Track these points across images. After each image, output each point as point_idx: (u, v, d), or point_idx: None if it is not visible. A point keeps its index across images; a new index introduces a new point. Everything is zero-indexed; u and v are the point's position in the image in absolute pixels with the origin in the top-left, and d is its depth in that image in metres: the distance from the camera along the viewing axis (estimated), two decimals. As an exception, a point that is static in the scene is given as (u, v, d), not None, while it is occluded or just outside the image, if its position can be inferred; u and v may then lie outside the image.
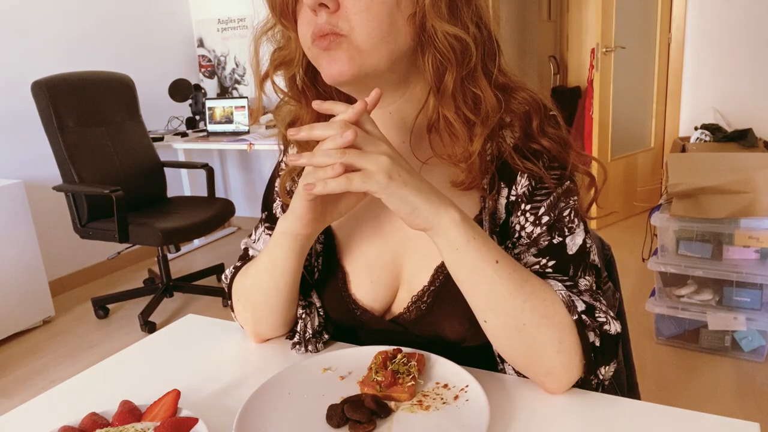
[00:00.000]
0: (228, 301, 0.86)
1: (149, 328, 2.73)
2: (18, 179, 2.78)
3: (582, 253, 0.71)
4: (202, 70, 4.18)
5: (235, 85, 4.11)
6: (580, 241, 0.71)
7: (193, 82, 3.82)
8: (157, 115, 3.72)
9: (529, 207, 0.71)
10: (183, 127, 3.82)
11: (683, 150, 2.97)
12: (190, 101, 3.76)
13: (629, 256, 2.75)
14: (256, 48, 0.73)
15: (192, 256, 3.78)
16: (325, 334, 0.82)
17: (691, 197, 2.06)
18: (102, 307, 2.92)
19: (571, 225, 0.71)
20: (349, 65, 0.65)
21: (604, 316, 0.67)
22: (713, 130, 3.15)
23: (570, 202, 0.71)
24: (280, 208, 0.85)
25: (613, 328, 0.67)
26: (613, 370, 0.69)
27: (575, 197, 0.72)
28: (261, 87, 0.75)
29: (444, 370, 0.69)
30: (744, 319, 2.02)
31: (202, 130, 3.70)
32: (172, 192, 3.22)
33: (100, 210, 2.67)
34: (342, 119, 0.62)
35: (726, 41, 3.30)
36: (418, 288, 0.74)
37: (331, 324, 0.83)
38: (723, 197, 2.00)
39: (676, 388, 2.00)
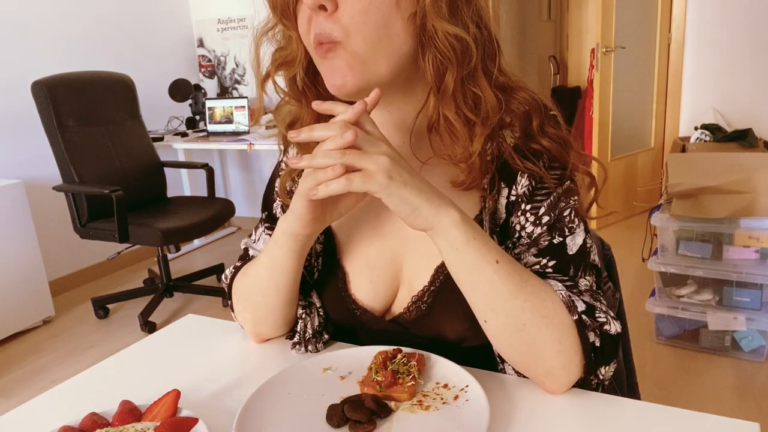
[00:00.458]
0: (228, 301, 0.86)
1: (149, 328, 2.73)
2: (18, 179, 2.78)
3: (582, 253, 0.71)
4: (202, 70, 4.18)
5: (235, 85, 4.12)
6: (580, 241, 0.71)
7: (193, 82, 3.82)
8: (157, 115, 3.72)
9: (529, 207, 0.71)
10: (183, 127, 3.82)
11: (683, 150, 2.97)
12: (190, 101, 3.76)
13: (629, 256, 2.75)
14: (257, 48, 0.73)
15: (192, 256, 3.78)
16: (325, 334, 0.82)
17: (691, 197, 2.06)
18: (102, 307, 2.92)
19: (571, 225, 0.71)
20: (351, 75, 0.65)
21: (604, 316, 0.67)
22: (713, 130, 3.15)
23: (570, 202, 0.71)
24: (280, 208, 0.85)
25: (614, 328, 0.67)
26: (613, 370, 0.69)
27: (575, 197, 0.72)
28: (262, 87, 0.75)
29: (444, 370, 0.69)
30: (744, 319, 2.02)
31: (202, 130, 3.70)
32: (172, 192, 3.22)
33: (100, 210, 2.67)
34: (342, 120, 0.62)
35: (726, 41, 3.29)
36: (418, 288, 0.74)
37: (331, 324, 0.83)
38: (723, 197, 2.00)
39: (676, 388, 2.00)
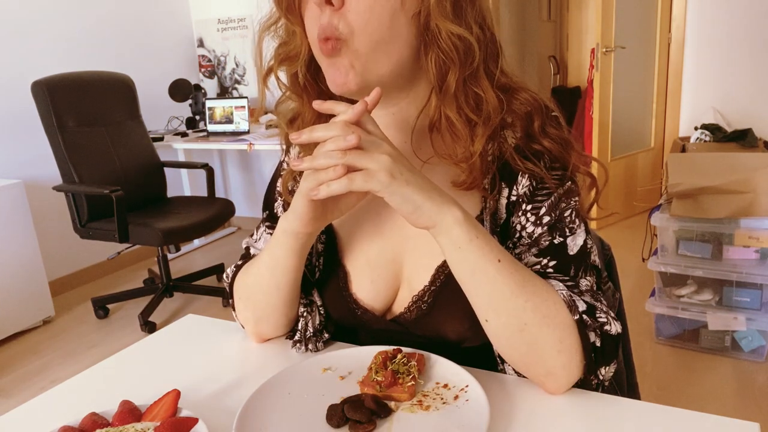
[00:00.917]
0: (229, 301, 0.86)
1: (149, 328, 2.73)
2: (18, 179, 2.78)
3: (583, 253, 0.71)
4: (202, 70, 4.18)
5: (235, 85, 4.11)
6: (581, 242, 0.71)
7: (193, 82, 3.82)
8: (157, 115, 3.72)
9: (530, 207, 0.71)
10: (183, 127, 3.82)
11: (683, 150, 2.96)
12: (190, 101, 3.76)
13: (629, 256, 2.74)
14: (260, 42, 0.73)
15: (192, 256, 3.78)
16: (326, 333, 0.82)
17: (691, 197, 2.06)
18: (102, 307, 2.92)
19: (572, 225, 0.71)
20: (353, 74, 0.65)
21: (604, 316, 0.67)
22: (713, 130, 3.15)
23: (571, 202, 0.71)
24: (282, 207, 0.85)
25: (614, 328, 0.67)
26: (614, 371, 0.69)
27: (576, 198, 0.72)
28: (264, 82, 0.75)
29: (444, 370, 0.69)
30: (744, 319, 2.02)
31: (202, 130, 3.70)
32: (172, 192, 3.22)
33: (100, 210, 2.67)
34: (342, 120, 0.62)
35: (726, 41, 3.29)
36: (419, 288, 0.74)
37: (331, 323, 0.82)
38: (723, 197, 2.00)
39: (676, 388, 2.00)
